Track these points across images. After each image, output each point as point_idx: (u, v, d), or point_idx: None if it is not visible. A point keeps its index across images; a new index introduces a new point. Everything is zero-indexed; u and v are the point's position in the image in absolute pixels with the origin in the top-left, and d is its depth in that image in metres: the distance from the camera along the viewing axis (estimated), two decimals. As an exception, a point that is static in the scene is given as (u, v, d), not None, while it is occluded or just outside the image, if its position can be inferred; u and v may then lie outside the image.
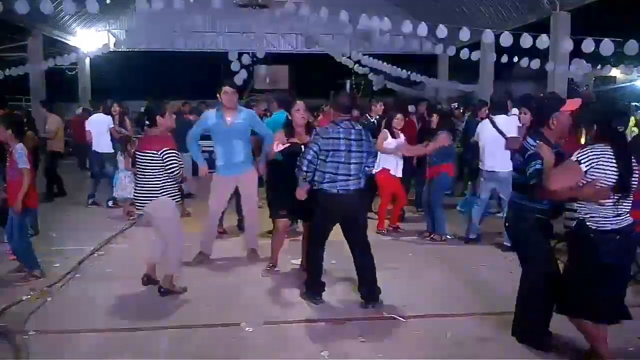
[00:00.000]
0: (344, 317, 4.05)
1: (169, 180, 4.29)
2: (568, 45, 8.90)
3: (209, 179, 5.42)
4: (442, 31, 9.57)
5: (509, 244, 5.40)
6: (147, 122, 4.34)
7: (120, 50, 16.38)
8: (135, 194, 4.43)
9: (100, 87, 17.19)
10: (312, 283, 4.37)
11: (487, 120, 6.03)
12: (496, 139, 5.69)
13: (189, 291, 4.49)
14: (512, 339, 3.58)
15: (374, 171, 5.53)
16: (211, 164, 5.50)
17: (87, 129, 8.21)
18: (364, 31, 11.09)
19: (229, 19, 12.56)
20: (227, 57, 12.93)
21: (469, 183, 8.40)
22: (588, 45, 9.00)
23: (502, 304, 3.95)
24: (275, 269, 5.02)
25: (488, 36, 9.61)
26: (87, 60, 17.65)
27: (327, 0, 10.53)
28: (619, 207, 3.03)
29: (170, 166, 4.23)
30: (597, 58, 12.83)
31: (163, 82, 18.42)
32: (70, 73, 17.95)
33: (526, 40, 9.28)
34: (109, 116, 8.25)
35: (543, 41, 9.27)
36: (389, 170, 6.30)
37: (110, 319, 4.04)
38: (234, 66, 12.49)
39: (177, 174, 4.29)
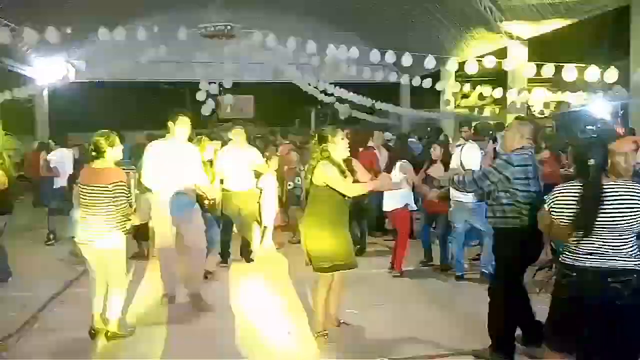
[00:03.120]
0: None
1: (119, 215, 4.06)
2: (529, 71, 9.17)
3: None
4: (407, 59, 9.73)
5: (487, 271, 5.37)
6: (93, 154, 4.11)
7: (80, 81, 15.95)
8: (81, 229, 4.12)
9: (60, 120, 16.66)
10: (504, 341, 3.78)
11: (458, 148, 5.89)
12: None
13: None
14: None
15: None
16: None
17: (52, 165, 7.84)
18: (331, 61, 11.14)
19: (194, 49, 12.40)
20: (193, 87, 12.78)
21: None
22: (548, 72, 9.27)
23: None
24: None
25: (451, 64, 9.79)
26: (45, 92, 17.12)
27: (293, 32, 10.58)
28: (582, 246, 2.83)
29: (118, 198, 4.02)
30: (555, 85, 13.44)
31: (126, 114, 18.00)
32: (28, 105, 17.35)
33: (488, 64, 9.61)
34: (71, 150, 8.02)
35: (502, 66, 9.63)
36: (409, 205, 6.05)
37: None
38: (200, 96, 12.32)
39: (124, 207, 4.07)
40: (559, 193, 2.94)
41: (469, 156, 5.53)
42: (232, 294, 5.41)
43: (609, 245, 2.79)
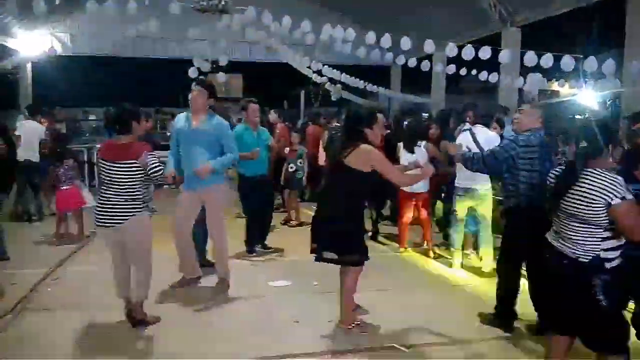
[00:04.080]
0: (344, 348, 3.74)
1: (144, 193, 3.89)
2: (532, 58, 9.09)
3: (176, 186, 5.01)
4: (405, 43, 9.60)
5: None
6: (117, 128, 3.88)
7: (65, 55, 15.51)
8: (103, 211, 3.82)
9: (44, 94, 16.21)
10: (505, 311, 4.09)
11: (466, 132, 5.64)
12: None
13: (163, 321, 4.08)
14: None
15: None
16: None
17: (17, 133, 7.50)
18: (324, 41, 10.95)
19: (184, 25, 12.09)
20: (183, 64, 12.48)
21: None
22: (547, 60, 9.23)
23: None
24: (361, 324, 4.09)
25: (451, 49, 9.66)
26: (29, 65, 16.62)
27: (288, 9, 10.36)
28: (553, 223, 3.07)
29: (155, 170, 3.82)
30: (545, 72, 13.44)
31: (113, 90, 17.59)
32: (10, 77, 16.85)
33: (482, 53, 9.54)
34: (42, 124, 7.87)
35: (499, 54, 9.55)
36: None
37: (71, 356, 3.60)
38: (192, 73, 12.06)
39: (162, 179, 4.08)
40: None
41: (485, 137, 5.31)
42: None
43: (569, 230, 2.90)
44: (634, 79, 9.31)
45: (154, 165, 3.81)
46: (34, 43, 15.76)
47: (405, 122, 6.93)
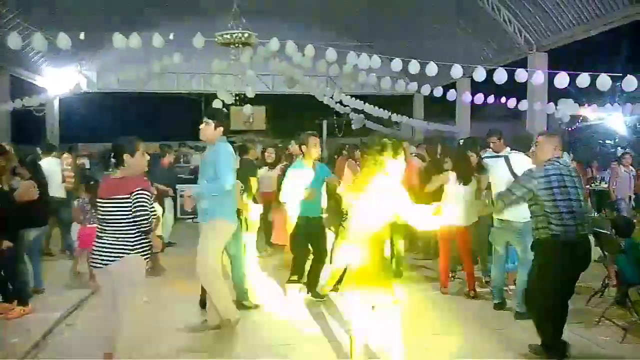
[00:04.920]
0: None
1: (140, 233, 3.49)
2: (563, 80, 8.72)
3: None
4: (432, 69, 9.39)
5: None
6: (113, 162, 3.59)
7: (91, 92, 15.74)
8: (95, 251, 3.52)
9: (70, 130, 16.44)
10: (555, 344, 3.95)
11: (501, 159, 5.32)
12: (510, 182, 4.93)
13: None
14: None
15: None
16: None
17: None
18: (347, 71, 10.82)
19: (208, 58, 12.14)
20: (205, 98, 12.50)
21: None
22: (583, 80, 8.81)
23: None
24: None
25: (479, 73, 9.38)
26: (56, 102, 16.93)
27: (311, 39, 10.28)
28: None
29: (139, 209, 3.44)
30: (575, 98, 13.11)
31: (138, 125, 17.75)
32: (36, 114, 17.15)
33: (503, 76, 9.22)
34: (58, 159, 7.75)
35: (520, 77, 9.24)
36: None
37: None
38: (216, 105, 12.04)
39: (146, 223, 3.47)
40: None
41: (522, 166, 4.79)
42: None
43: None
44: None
45: (139, 207, 3.45)
46: (61, 80, 16.09)
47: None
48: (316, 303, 5.29)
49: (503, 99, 12.09)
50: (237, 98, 13.81)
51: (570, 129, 16.26)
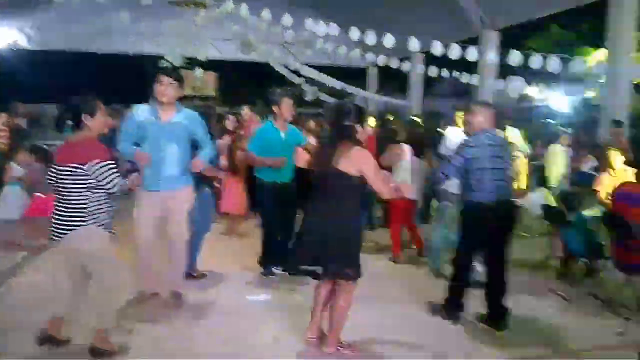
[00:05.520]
0: None
1: (99, 202, 3.30)
2: (516, 58, 8.88)
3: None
4: (389, 40, 9.32)
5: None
6: (70, 124, 3.33)
7: (31, 49, 14.76)
8: (53, 222, 3.32)
9: (7, 89, 15.40)
10: (452, 301, 4.18)
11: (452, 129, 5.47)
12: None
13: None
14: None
15: None
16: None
17: None
18: (305, 39, 10.60)
19: (157, 18, 11.56)
20: (154, 61, 11.94)
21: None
22: (536, 62, 9.00)
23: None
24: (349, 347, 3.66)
25: (437, 48, 9.40)
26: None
27: (266, 5, 9.96)
28: None
29: (108, 181, 3.27)
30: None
31: (80, 85, 16.86)
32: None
33: (468, 53, 9.34)
34: None
35: (471, 54, 9.37)
36: None
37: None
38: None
39: (112, 192, 3.32)
40: None
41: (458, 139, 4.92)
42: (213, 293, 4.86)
43: None
44: (616, 82, 9.24)
45: (110, 180, 3.27)
46: (-2, 36, 14.97)
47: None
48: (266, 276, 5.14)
49: (455, 74, 12.23)
50: (186, 62, 13.31)
51: (519, 106, 16.72)
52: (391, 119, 8.06)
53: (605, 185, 5.94)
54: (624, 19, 9.07)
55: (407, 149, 5.67)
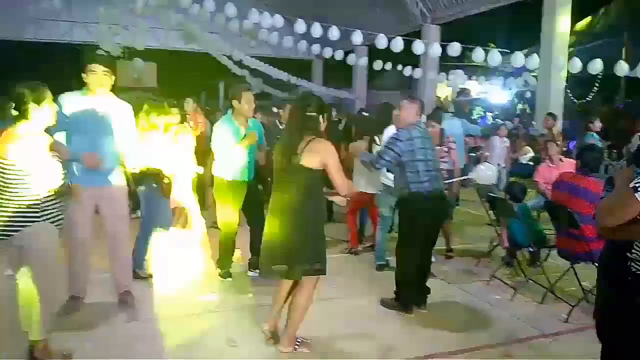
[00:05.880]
0: None
1: (49, 197, 3.06)
2: (456, 50, 9.10)
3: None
4: (334, 33, 9.31)
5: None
6: (15, 114, 3.05)
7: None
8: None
9: None
10: (405, 292, 4.25)
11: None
12: None
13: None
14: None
15: None
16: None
17: None
18: (249, 30, 10.38)
19: (92, 6, 11.00)
20: (90, 50, 11.35)
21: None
22: (476, 55, 9.27)
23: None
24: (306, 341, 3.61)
25: (381, 41, 9.48)
26: None
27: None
28: None
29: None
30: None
31: (13, 75, 15.80)
32: None
33: (397, 45, 9.48)
34: None
35: (415, 48, 9.55)
36: None
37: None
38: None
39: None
40: None
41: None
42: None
43: None
44: (551, 75, 9.66)
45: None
46: None
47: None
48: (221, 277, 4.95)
49: (400, 67, 12.40)
50: (124, 52, 12.78)
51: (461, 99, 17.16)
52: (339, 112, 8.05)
53: (544, 175, 6.19)
54: (559, 14, 9.48)
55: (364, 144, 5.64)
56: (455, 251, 5.92)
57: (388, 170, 4.79)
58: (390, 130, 5.22)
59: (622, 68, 9.09)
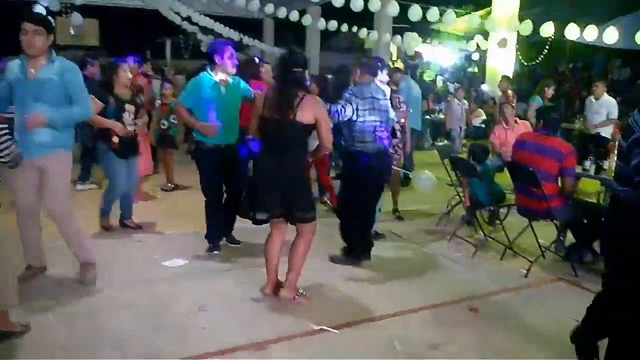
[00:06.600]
0: (269, 338, 3.20)
1: None
2: (393, 9, 9.05)
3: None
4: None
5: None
6: None
7: None
8: None
9: None
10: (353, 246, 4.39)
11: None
12: None
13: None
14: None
15: None
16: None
17: None
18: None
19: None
20: (26, 4, 10.56)
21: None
22: (434, 15, 9.21)
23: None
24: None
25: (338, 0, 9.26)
26: None
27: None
28: None
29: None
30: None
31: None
32: None
33: (356, 5, 9.32)
34: None
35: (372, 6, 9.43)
36: None
37: None
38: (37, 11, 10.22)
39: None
40: None
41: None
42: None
43: None
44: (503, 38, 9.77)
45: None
46: None
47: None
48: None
49: (355, 28, 12.23)
50: (63, 7, 11.97)
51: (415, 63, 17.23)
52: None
53: (500, 137, 6.34)
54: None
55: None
56: (415, 212, 6.02)
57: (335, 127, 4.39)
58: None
59: (572, 31, 9.30)
